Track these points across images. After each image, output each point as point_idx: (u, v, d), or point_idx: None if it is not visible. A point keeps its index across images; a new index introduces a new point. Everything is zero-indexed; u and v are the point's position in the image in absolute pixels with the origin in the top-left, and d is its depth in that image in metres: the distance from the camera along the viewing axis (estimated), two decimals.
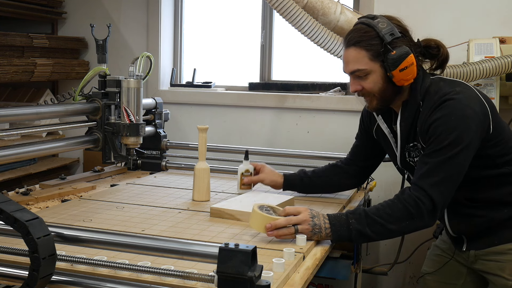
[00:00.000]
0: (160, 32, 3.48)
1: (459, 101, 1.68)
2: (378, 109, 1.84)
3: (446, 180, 1.66)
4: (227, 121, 3.36)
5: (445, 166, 1.66)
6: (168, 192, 2.26)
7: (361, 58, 1.75)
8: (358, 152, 2.14)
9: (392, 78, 1.73)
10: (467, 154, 1.67)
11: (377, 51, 1.73)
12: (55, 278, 1.18)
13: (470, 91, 1.75)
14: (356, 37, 1.76)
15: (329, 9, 2.68)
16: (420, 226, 1.68)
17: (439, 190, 1.66)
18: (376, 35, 1.74)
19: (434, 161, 1.67)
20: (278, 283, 1.31)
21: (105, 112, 2.28)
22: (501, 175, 1.78)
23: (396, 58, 1.71)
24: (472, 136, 1.67)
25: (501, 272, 1.82)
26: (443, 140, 1.66)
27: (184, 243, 1.18)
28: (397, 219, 1.65)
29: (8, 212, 1.09)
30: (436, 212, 1.66)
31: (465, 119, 1.66)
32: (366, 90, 1.78)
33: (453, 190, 1.70)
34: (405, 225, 1.66)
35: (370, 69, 1.75)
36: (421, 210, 1.64)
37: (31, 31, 3.37)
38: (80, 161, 3.66)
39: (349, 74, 1.80)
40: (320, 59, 3.23)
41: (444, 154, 1.65)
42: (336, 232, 1.67)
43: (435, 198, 1.64)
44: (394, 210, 1.66)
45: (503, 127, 1.80)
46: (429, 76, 1.82)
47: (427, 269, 2.10)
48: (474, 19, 2.88)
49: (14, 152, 1.97)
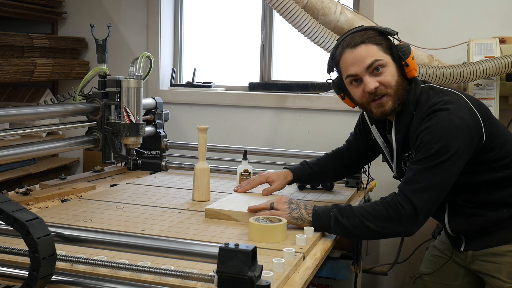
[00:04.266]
0: (160, 32, 3.48)
1: (447, 111, 1.68)
2: (393, 110, 1.77)
3: (430, 187, 1.65)
4: (227, 121, 3.36)
5: (429, 174, 1.65)
6: (168, 192, 2.26)
7: (375, 51, 1.74)
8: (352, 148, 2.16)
9: (406, 67, 1.74)
10: (454, 163, 1.66)
11: (386, 45, 1.75)
12: (55, 278, 1.18)
13: (460, 100, 1.73)
14: (362, 36, 1.75)
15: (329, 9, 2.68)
16: (399, 231, 1.68)
17: (422, 197, 1.64)
18: (378, 33, 1.76)
19: (418, 168, 1.66)
20: (278, 283, 1.31)
21: (105, 112, 2.28)
22: (499, 180, 1.77)
23: (406, 47, 1.74)
24: (460, 145, 1.65)
25: (498, 274, 1.82)
26: (429, 149, 1.66)
27: (184, 243, 1.17)
28: (375, 218, 1.66)
29: (8, 212, 1.09)
30: (417, 218, 1.64)
31: (451, 129, 1.66)
32: (383, 87, 1.74)
33: (439, 198, 1.68)
34: (383, 226, 1.66)
35: (386, 61, 1.74)
36: (400, 214, 1.64)
37: (31, 31, 3.37)
38: (80, 161, 3.66)
39: (365, 70, 1.73)
40: (320, 59, 3.23)
41: (429, 162, 1.65)
42: (317, 215, 1.71)
43: (416, 204, 1.63)
44: (375, 209, 1.68)
45: (498, 131, 1.79)
46: (419, 84, 1.81)
47: (425, 270, 2.10)
48: (474, 19, 2.89)
49: (14, 152, 1.97)
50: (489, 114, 1.79)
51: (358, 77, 1.76)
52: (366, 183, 2.42)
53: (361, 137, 2.09)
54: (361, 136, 2.09)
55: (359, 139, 2.10)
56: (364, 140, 2.07)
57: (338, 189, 2.35)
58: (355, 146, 2.13)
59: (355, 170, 2.31)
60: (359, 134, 2.10)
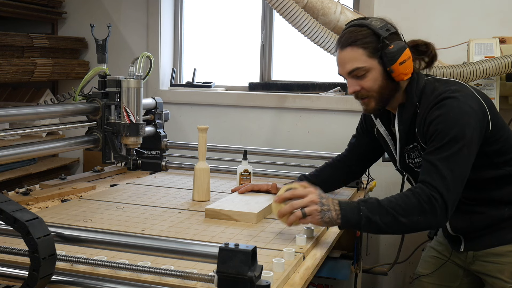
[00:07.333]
0: (160, 32, 3.48)
1: (456, 99, 1.68)
2: (376, 110, 1.81)
3: (453, 177, 1.63)
4: (227, 121, 3.36)
5: (450, 163, 1.63)
6: (168, 192, 2.27)
7: (359, 56, 1.73)
8: (355, 150, 2.13)
9: (391, 73, 1.72)
10: (470, 149, 1.65)
11: (374, 47, 1.72)
12: (55, 278, 1.18)
13: (466, 89, 1.75)
14: (351, 37, 1.74)
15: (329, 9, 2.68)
16: (432, 223, 1.64)
17: (449, 188, 1.62)
18: (371, 33, 1.73)
19: (438, 158, 1.65)
20: (278, 283, 1.31)
21: (105, 112, 2.28)
22: (501, 176, 1.77)
23: (395, 52, 1.70)
24: (473, 131, 1.66)
25: (500, 274, 1.81)
26: (444, 137, 1.65)
27: (184, 243, 1.17)
28: (409, 213, 1.61)
29: (8, 212, 1.09)
30: (448, 210, 1.62)
31: (464, 115, 1.66)
32: (365, 90, 1.76)
33: (461, 187, 1.66)
34: (417, 220, 1.61)
35: (369, 66, 1.73)
36: (434, 206, 1.60)
37: (31, 31, 3.37)
38: (80, 161, 3.66)
39: (347, 74, 1.77)
40: (320, 59, 3.23)
41: (447, 150, 1.64)
42: (346, 216, 1.61)
43: (445, 195, 1.61)
44: (407, 203, 1.62)
45: (502, 125, 1.80)
46: (423, 77, 1.81)
47: (423, 271, 2.09)
48: (474, 19, 2.89)
49: (14, 152, 1.97)
50: (493, 106, 1.79)
51: (344, 77, 1.80)
52: (366, 183, 2.42)
53: (363, 137, 2.08)
54: (364, 135, 2.09)
55: (362, 139, 2.10)
56: (367, 140, 2.07)
57: (338, 189, 2.35)
58: (358, 148, 2.12)
59: (359, 174, 2.25)
60: (362, 133, 2.10)
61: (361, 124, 2.10)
